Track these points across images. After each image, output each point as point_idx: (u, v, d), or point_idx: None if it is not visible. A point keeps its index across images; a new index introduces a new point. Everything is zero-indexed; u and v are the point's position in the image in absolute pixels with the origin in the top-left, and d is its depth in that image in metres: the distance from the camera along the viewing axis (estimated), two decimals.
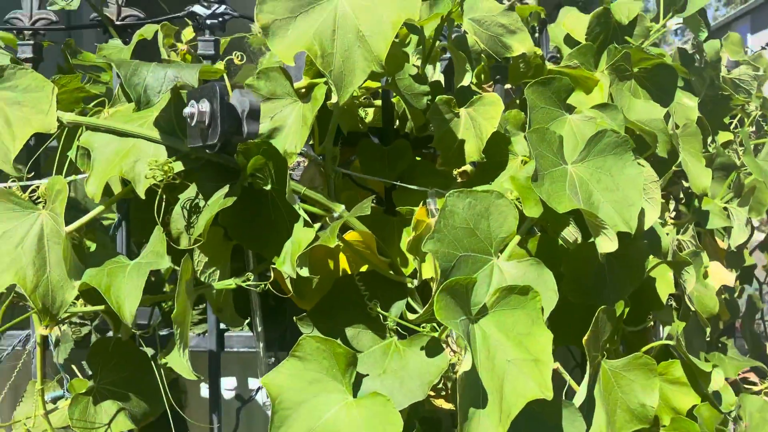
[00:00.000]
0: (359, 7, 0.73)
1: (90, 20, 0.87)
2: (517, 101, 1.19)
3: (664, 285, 0.96)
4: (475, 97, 0.90)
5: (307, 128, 0.72)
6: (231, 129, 0.60)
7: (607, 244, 0.71)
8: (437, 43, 0.95)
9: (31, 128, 0.76)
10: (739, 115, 1.40)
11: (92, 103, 0.88)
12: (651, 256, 0.89)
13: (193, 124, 0.61)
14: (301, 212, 0.66)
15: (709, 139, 1.26)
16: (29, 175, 0.77)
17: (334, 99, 0.70)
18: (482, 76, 1.11)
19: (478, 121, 0.89)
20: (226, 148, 0.65)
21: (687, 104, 1.16)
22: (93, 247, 0.85)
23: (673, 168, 1.06)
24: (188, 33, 1.11)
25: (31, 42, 0.86)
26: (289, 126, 0.74)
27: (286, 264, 0.66)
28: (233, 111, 0.60)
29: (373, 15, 0.72)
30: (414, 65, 0.88)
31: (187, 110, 0.61)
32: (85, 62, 0.97)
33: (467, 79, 0.90)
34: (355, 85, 0.71)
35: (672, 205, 1.25)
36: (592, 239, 0.74)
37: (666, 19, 1.19)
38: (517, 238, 0.73)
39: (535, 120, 0.90)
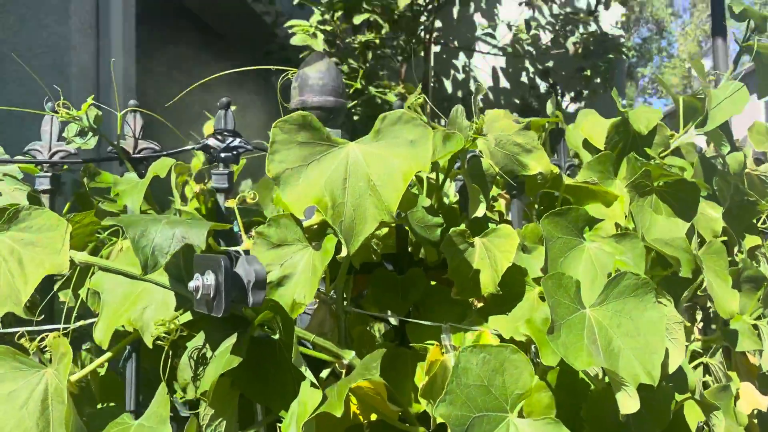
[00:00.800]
0: (371, 155, 0.74)
1: (107, 152, 0.90)
2: (534, 212, 1.18)
3: (693, 415, 0.92)
4: (490, 227, 0.89)
5: (317, 278, 0.72)
6: (236, 300, 0.60)
7: (628, 403, 0.68)
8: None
9: (44, 270, 0.77)
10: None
11: (106, 232, 0.89)
12: (677, 395, 0.85)
13: (198, 297, 0.61)
14: (308, 374, 0.65)
15: (736, 248, 1.23)
16: (40, 318, 0.78)
17: (344, 252, 0.70)
18: (498, 185, 1.12)
19: (493, 253, 0.88)
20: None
21: (711, 215, 1.14)
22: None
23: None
24: (196, 164, 1.13)
25: (49, 174, 0.89)
26: (299, 274, 0.74)
27: (292, 428, 0.64)
28: (239, 281, 0.60)
29: (385, 164, 0.73)
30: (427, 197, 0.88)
31: (192, 284, 0.61)
32: (102, 185, 0.99)
33: (481, 210, 0.89)
34: (365, 233, 0.71)
35: (699, 316, 1.22)
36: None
37: (685, 130, 1.18)
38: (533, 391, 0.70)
39: (552, 251, 0.89)
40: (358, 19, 3.10)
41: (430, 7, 3.75)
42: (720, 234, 1.13)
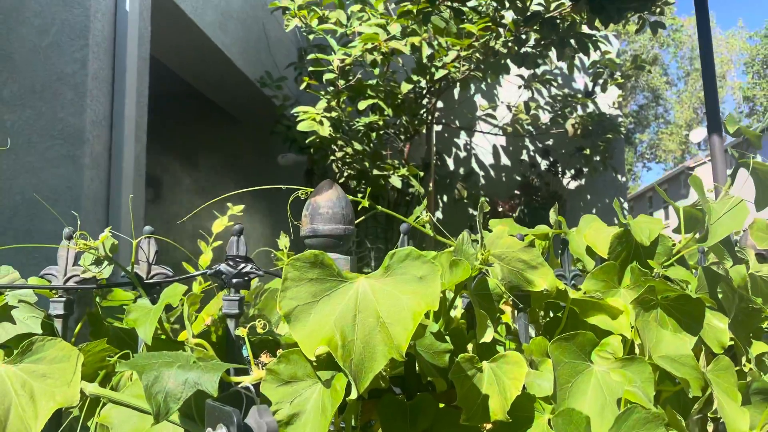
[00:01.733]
0: (380, 291, 0.75)
1: (121, 277, 0.92)
2: (541, 324, 1.19)
3: None
4: (498, 353, 0.90)
5: (327, 420, 0.72)
6: None
7: None
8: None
9: (55, 403, 0.78)
10: None
11: (117, 355, 0.90)
12: None
13: None
14: None
15: (744, 358, 1.22)
16: None
17: (353, 394, 0.70)
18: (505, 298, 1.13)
19: (502, 379, 0.88)
20: None
21: (718, 326, 1.15)
22: None
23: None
24: (218, 225, 1.17)
25: (63, 299, 0.90)
26: (308, 412, 0.74)
27: None
28: None
29: (394, 301, 0.74)
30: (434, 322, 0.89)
31: None
32: (114, 303, 1.00)
33: (489, 336, 0.90)
34: (374, 371, 0.71)
35: (711, 427, 1.20)
36: None
37: (687, 240, 1.20)
38: None
39: (560, 376, 0.89)
40: (363, 105, 3.21)
41: (431, 89, 3.88)
42: (727, 345, 1.13)
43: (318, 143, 3.25)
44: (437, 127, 4.61)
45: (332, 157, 3.42)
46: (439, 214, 4.60)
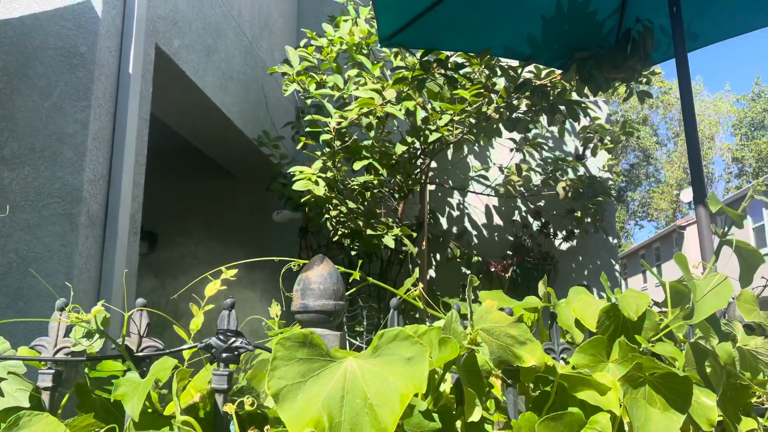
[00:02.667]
0: (368, 371, 0.76)
1: (111, 349, 0.92)
2: (530, 398, 1.18)
3: None
4: (487, 430, 0.90)
5: None
6: None
7: None
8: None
9: None
10: (762, 397, 1.36)
11: (103, 430, 0.89)
12: None
13: None
14: None
15: None
16: None
17: None
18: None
19: None
20: None
21: (706, 404, 1.15)
22: None
23: None
24: (210, 289, 1.17)
25: (52, 371, 0.90)
26: None
27: None
28: None
29: (382, 382, 0.75)
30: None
31: None
32: (103, 373, 1.00)
33: (477, 414, 0.90)
34: None
35: None
36: None
37: (673, 316, 1.22)
38: None
39: None
40: (358, 165, 3.27)
41: (426, 150, 3.95)
42: (716, 422, 1.12)
43: (313, 202, 3.28)
44: (431, 187, 4.67)
45: (327, 216, 3.45)
46: (432, 273, 4.61)
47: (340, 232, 3.43)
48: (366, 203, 3.62)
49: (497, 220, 4.72)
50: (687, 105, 2.16)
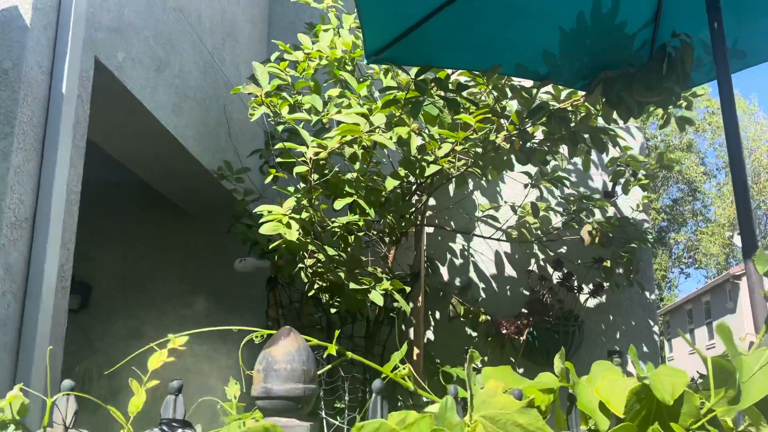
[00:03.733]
0: None
1: None
2: None
3: None
4: None
5: None
6: None
7: None
8: None
9: None
10: None
11: None
12: None
13: None
14: None
15: None
16: None
17: None
18: None
19: None
20: None
21: None
22: None
23: None
24: (155, 360, 1.17)
25: None
26: None
27: None
28: None
29: None
30: None
31: None
32: None
33: None
34: None
35: None
36: None
37: (717, 399, 1.23)
38: None
39: None
40: (339, 204, 3.30)
41: (422, 186, 4.00)
42: None
43: (284, 248, 3.30)
44: (429, 230, 4.71)
45: (301, 265, 3.46)
46: (430, 335, 4.60)
47: (316, 286, 3.44)
48: (349, 250, 3.64)
49: (509, 270, 4.74)
50: (732, 136, 2.21)
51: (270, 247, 3.31)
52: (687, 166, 31.02)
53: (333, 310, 3.64)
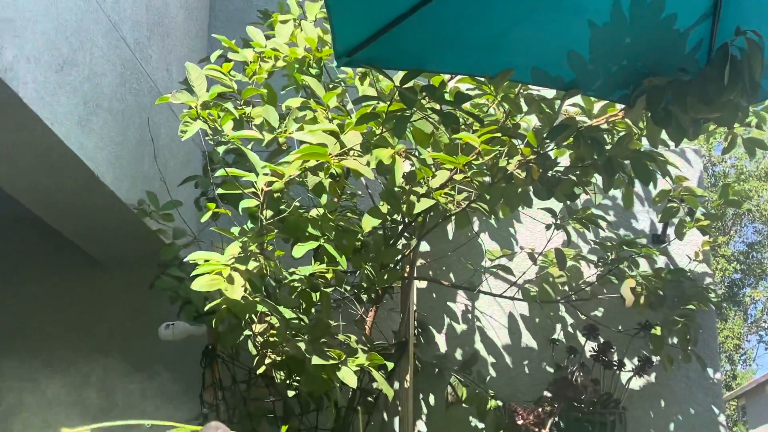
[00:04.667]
0: None
1: None
2: None
3: None
4: None
5: None
6: None
7: None
8: None
9: None
10: None
11: None
12: None
13: None
14: None
15: None
16: None
17: None
18: None
19: None
20: None
21: None
22: None
23: None
24: None
25: None
26: None
27: None
28: None
29: None
30: None
31: None
32: None
33: None
34: None
35: None
36: None
37: None
38: None
39: None
40: (300, 250, 3.30)
41: (411, 225, 4.01)
42: None
43: (225, 309, 3.29)
44: (420, 284, 4.71)
45: (248, 333, 3.45)
46: (421, 426, 4.58)
47: (269, 360, 3.43)
48: (313, 311, 3.64)
49: (527, 339, 4.74)
50: None
51: (207, 308, 3.29)
52: (766, 199, 30.95)
53: (291, 393, 3.62)
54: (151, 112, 4.38)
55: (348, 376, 3.30)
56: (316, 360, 3.31)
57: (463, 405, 4.37)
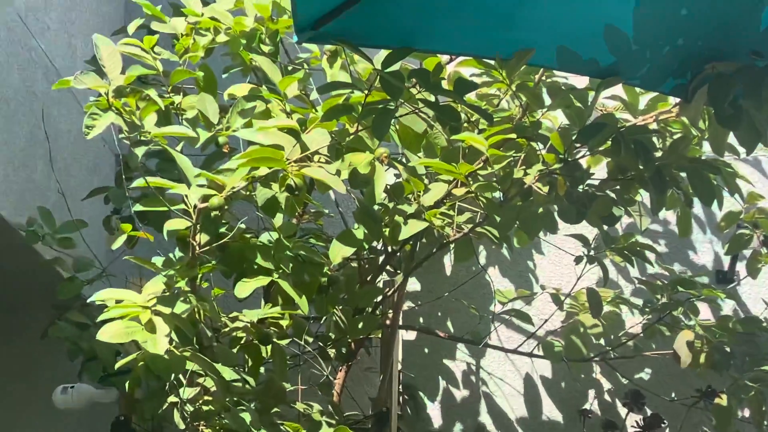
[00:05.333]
0: None
1: None
2: None
3: None
4: None
5: None
6: None
7: None
8: None
9: None
10: None
11: None
12: None
13: None
14: None
15: None
16: None
17: None
18: None
19: None
20: None
21: None
22: None
23: None
24: None
25: None
26: None
27: None
28: None
29: None
30: None
31: None
32: None
33: None
34: None
35: None
36: None
37: None
38: None
39: None
40: (245, 290, 3.27)
41: (395, 254, 4.00)
42: None
43: (143, 367, 3.26)
44: (407, 335, 4.70)
45: (174, 399, 3.42)
46: None
47: None
48: (262, 371, 3.61)
49: (549, 409, 4.74)
50: None
51: (118, 365, 3.26)
52: None
53: None
54: (47, 100, 4.35)
55: None
56: None
57: None
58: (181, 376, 3.32)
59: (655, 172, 3.51)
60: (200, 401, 3.35)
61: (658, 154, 3.57)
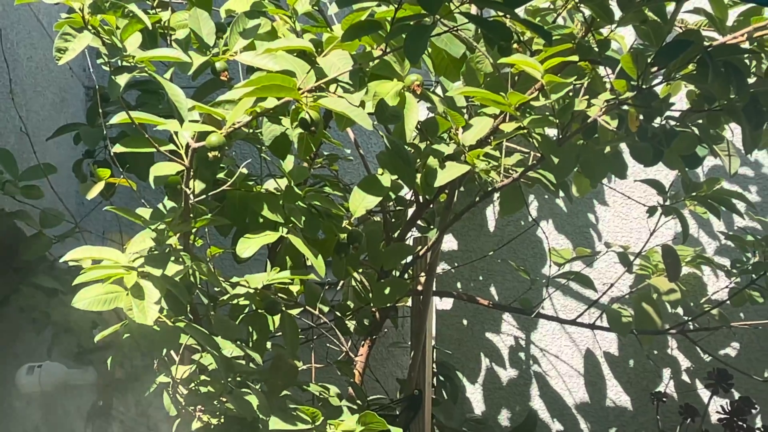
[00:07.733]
0: None
1: None
2: None
3: None
4: None
5: None
6: None
7: None
8: None
9: None
10: None
11: None
12: None
13: None
14: None
15: None
16: None
17: None
18: None
19: None
20: None
21: None
22: None
23: None
24: None
25: None
26: None
27: None
28: None
29: None
30: None
31: None
32: None
33: None
34: None
35: None
36: None
37: None
38: None
39: None
40: (249, 248, 3.27)
41: (428, 205, 3.99)
42: None
43: (127, 341, 3.28)
44: (441, 303, 4.70)
45: (164, 379, 3.43)
46: None
47: (198, 424, 3.41)
48: (269, 346, 3.62)
49: (615, 392, 4.74)
50: None
51: (97, 339, 3.27)
52: None
53: None
54: (5, 20, 4.35)
55: None
56: (275, 424, 3.29)
57: None
58: (172, 351, 3.32)
59: (750, 101, 3.49)
60: (196, 382, 3.36)
61: (752, 80, 3.53)
